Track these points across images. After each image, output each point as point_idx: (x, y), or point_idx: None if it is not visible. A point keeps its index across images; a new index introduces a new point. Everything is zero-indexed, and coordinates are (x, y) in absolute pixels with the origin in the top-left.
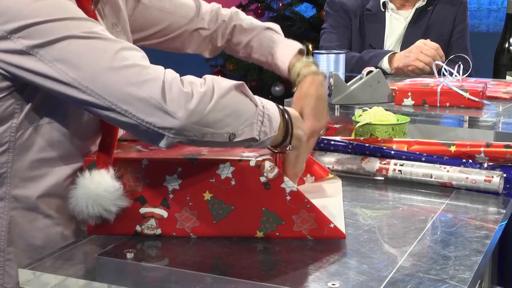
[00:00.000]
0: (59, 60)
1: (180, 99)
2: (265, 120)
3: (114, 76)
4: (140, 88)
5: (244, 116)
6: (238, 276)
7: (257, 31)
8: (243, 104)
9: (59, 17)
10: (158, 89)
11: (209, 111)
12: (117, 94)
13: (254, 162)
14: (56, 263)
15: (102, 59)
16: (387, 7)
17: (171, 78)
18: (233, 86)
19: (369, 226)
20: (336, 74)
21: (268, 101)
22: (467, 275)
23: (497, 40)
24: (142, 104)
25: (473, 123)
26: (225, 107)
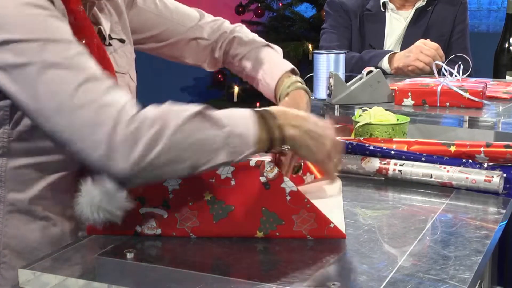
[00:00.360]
0: (26, 86)
1: (123, 148)
2: (235, 140)
3: (72, 115)
4: (91, 130)
5: (205, 145)
6: (238, 276)
7: (256, 45)
8: (204, 133)
9: (36, 37)
10: (106, 134)
11: (158, 155)
12: (72, 133)
13: (254, 162)
14: (56, 263)
15: (63, 93)
16: (387, 7)
17: (123, 119)
18: (190, 116)
19: (369, 226)
20: (336, 74)
21: (241, 114)
22: (467, 275)
23: (497, 40)
24: (91, 149)
25: (473, 123)
26: (177, 145)
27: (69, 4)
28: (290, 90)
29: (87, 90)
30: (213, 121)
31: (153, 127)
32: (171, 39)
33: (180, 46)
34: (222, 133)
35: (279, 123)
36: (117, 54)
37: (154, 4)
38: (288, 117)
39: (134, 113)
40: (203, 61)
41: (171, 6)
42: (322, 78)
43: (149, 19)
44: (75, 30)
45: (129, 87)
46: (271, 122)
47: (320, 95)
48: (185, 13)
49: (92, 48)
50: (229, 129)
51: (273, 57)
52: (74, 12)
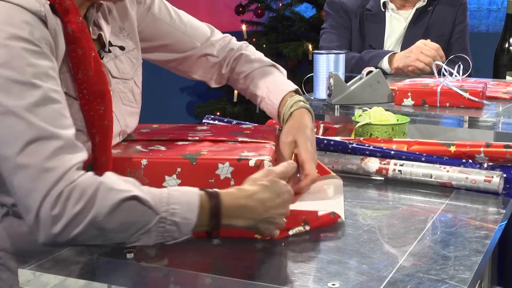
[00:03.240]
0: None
1: (46, 221)
2: (169, 227)
3: (12, 171)
4: (26, 196)
5: (135, 227)
6: (238, 276)
7: (261, 64)
8: (135, 217)
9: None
10: (36, 204)
11: (79, 234)
12: (11, 186)
13: (253, 162)
14: (56, 263)
15: (12, 146)
16: (387, 7)
17: (53, 193)
18: (123, 198)
19: (369, 226)
20: (336, 74)
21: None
22: (467, 275)
23: (497, 40)
24: (24, 210)
25: (473, 123)
26: (106, 224)
27: (68, 15)
28: (293, 109)
29: (35, 150)
30: (148, 205)
31: (79, 204)
32: (183, 54)
33: (190, 62)
34: (157, 218)
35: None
36: (118, 60)
37: (168, 15)
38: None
39: (68, 183)
40: (210, 78)
41: (185, 19)
42: (322, 78)
43: (162, 28)
44: (72, 41)
45: (133, 93)
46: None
47: (320, 95)
48: (198, 27)
49: (88, 60)
50: (165, 215)
51: (278, 77)
52: (72, 23)
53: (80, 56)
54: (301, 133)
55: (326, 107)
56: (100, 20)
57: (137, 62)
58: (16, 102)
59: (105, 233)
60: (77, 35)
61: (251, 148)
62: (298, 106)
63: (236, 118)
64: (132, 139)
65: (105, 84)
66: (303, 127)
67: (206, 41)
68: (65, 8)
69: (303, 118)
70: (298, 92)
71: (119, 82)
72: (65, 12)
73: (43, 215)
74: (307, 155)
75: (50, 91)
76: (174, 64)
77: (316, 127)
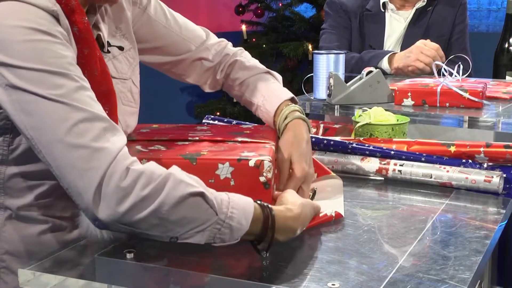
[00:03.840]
0: (22, 112)
1: (111, 199)
2: (224, 230)
3: (62, 154)
4: (79, 176)
5: (193, 224)
6: (238, 276)
7: (256, 71)
8: (197, 213)
9: (38, 67)
10: (95, 183)
11: (142, 219)
12: (61, 171)
13: (253, 162)
14: (55, 263)
15: (59, 129)
16: (387, 8)
17: (116, 169)
18: (190, 193)
19: (369, 226)
20: (336, 74)
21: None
22: (467, 275)
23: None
24: (76, 192)
25: (473, 123)
26: (169, 215)
27: (74, 15)
28: (287, 121)
29: (83, 130)
30: (211, 204)
31: (147, 188)
32: (177, 56)
33: (184, 65)
34: (215, 219)
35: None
36: (116, 60)
37: (164, 16)
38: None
39: (129, 164)
40: (204, 82)
41: (180, 21)
42: (322, 78)
43: (158, 30)
44: (79, 41)
45: (132, 93)
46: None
47: (320, 95)
48: (193, 30)
49: (94, 60)
50: (224, 218)
51: (273, 85)
52: (78, 23)
53: (87, 56)
54: (295, 149)
55: (326, 107)
56: (98, 21)
57: (134, 61)
58: (53, 91)
59: (165, 224)
60: (83, 35)
61: (251, 148)
62: (293, 117)
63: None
64: (132, 139)
65: (110, 84)
66: (297, 141)
67: (201, 45)
68: (71, 8)
69: (298, 130)
70: (294, 100)
71: (118, 82)
72: (71, 12)
73: (108, 192)
74: (301, 173)
75: (79, 79)
76: (168, 66)
77: (316, 127)
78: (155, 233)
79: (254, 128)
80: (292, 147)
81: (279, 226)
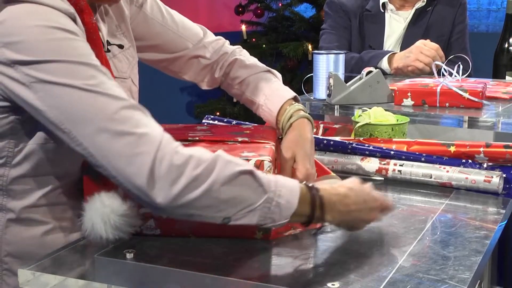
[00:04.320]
0: (56, 106)
1: (165, 180)
2: (274, 208)
3: (107, 142)
4: (129, 162)
5: (244, 203)
6: (238, 276)
7: (257, 70)
8: (248, 192)
9: (69, 59)
10: (147, 167)
11: (196, 198)
12: (108, 160)
13: (253, 162)
14: (55, 263)
15: (99, 117)
16: (386, 8)
17: (165, 152)
18: (240, 171)
19: (369, 226)
20: (336, 74)
21: (289, 185)
22: (466, 275)
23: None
24: (128, 179)
25: (473, 123)
26: (220, 195)
27: (83, 15)
28: (293, 120)
29: (124, 117)
30: (260, 183)
31: (198, 168)
32: (174, 54)
33: (181, 62)
34: (265, 197)
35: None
36: (116, 59)
37: (160, 14)
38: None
39: (175, 147)
40: (201, 80)
41: (177, 19)
42: (321, 78)
43: (154, 27)
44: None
45: (131, 92)
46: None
47: (319, 95)
48: (190, 28)
49: (100, 60)
50: (272, 196)
51: (275, 84)
52: (87, 23)
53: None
54: (299, 148)
55: (326, 107)
56: (98, 20)
57: (133, 60)
58: (87, 81)
59: (218, 203)
60: (91, 35)
61: (251, 148)
62: (298, 116)
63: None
64: None
65: None
66: (302, 140)
67: (198, 43)
68: (80, 8)
69: (303, 130)
70: (297, 99)
71: (118, 81)
72: (80, 12)
73: (161, 174)
74: (304, 173)
75: (104, 69)
76: (165, 64)
77: (316, 127)
78: (209, 214)
79: (254, 128)
80: (297, 146)
81: (327, 205)
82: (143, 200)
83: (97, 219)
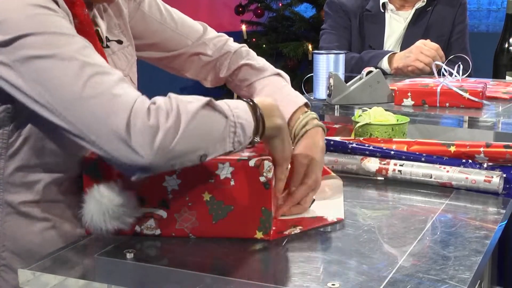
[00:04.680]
0: (36, 81)
1: (144, 136)
2: (238, 130)
3: (84, 106)
4: (106, 120)
5: (214, 134)
6: (238, 276)
7: (266, 74)
8: (213, 122)
9: (46, 31)
10: (123, 123)
11: (175, 145)
12: (85, 124)
13: (253, 162)
14: (55, 263)
15: (74, 85)
16: (386, 8)
17: (139, 110)
18: (200, 106)
19: (369, 226)
20: (336, 74)
21: (238, 104)
22: (466, 275)
23: (496, 40)
24: (107, 138)
25: (473, 123)
26: (193, 134)
27: (74, 7)
28: (308, 128)
29: (98, 82)
30: (220, 111)
31: (169, 117)
32: (174, 52)
33: (181, 60)
34: (228, 122)
35: (263, 114)
36: (115, 56)
37: (159, 12)
38: (270, 110)
39: (148, 104)
40: (204, 77)
41: (176, 17)
42: (322, 78)
43: (152, 26)
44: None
45: None
46: (258, 112)
47: (320, 95)
48: (190, 26)
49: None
50: (233, 119)
51: (286, 89)
52: (79, 15)
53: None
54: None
55: (326, 107)
56: (96, 16)
57: (132, 58)
58: (63, 49)
59: (193, 144)
60: (84, 27)
61: (251, 148)
62: (313, 125)
63: None
64: None
65: None
66: (316, 148)
67: (198, 40)
68: (71, 0)
69: (316, 138)
70: (308, 106)
71: None
72: (71, 5)
73: (139, 131)
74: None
75: (85, 41)
76: (166, 62)
77: None
78: (188, 158)
79: None
80: (312, 153)
81: (264, 111)
82: (123, 161)
83: (96, 210)
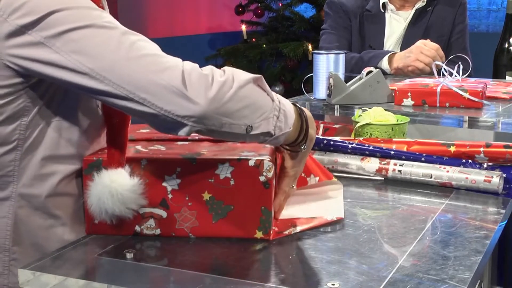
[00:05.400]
0: (75, 51)
1: (200, 86)
2: (281, 116)
3: (132, 65)
4: (159, 75)
5: (261, 109)
6: (238, 276)
7: None
8: (261, 98)
9: (77, 6)
10: (178, 76)
11: (228, 100)
12: (135, 82)
13: (253, 162)
14: (55, 263)
15: (120, 49)
16: (386, 8)
17: (190, 66)
18: (251, 79)
19: (369, 226)
20: (336, 74)
21: (283, 98)
22: (466, 275)
23: (496, 40)
24: (161, 92)
25: (473, 123)
26: (243, 98)
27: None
28: None
29: (142, 45)
30: (267, 91)
31: (223, 76)
32: None
33: None
34: (274, 104)
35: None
36: None
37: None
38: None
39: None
40: None
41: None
42: (322, 78)
43: None
44: None
45: None
46: (303, 114)
47: (320, 95)
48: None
49: None
50: (278, 104)
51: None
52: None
53: None
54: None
55: (326, 107)
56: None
57: None
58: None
59: (243, 109)
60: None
61: (251, 148)
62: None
63: None
64: (132, 139)
65: None
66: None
67: None
68: None
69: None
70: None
71: None
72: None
73: (195, 80)
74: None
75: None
76: None
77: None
78: (236, 120)
79: None
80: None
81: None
82: (180, 106)
83: (105, 192)
